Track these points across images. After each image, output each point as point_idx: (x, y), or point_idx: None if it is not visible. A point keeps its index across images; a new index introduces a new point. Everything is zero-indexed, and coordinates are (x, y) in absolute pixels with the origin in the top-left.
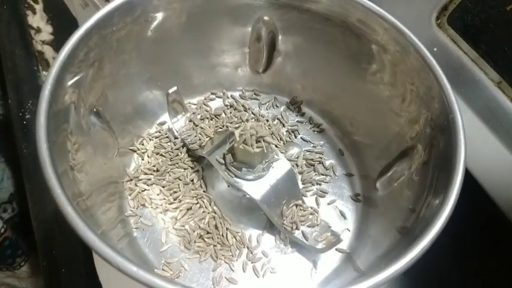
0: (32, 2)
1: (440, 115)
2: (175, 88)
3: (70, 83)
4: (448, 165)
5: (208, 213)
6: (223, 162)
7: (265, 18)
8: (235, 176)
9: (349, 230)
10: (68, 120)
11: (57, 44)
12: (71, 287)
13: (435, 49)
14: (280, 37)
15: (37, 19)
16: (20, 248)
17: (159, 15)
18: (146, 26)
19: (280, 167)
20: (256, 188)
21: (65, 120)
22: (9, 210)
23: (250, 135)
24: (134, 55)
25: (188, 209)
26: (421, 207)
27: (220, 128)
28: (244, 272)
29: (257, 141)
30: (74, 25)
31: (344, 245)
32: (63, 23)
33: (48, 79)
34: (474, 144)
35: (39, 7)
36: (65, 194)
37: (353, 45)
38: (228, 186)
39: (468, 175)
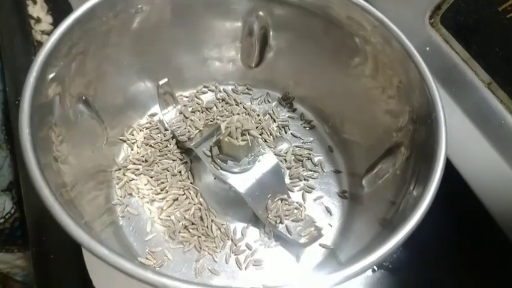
0: None
1: (422, 107)
2: (165, 80)
3: (53, 75)
4: (428, 158)
5: (194, 204)
6: (210, 154)
7: (258, 13)
8: (221, 168)
9: (331, 226)
10: (52, 112)
11: None
12: (59, 273)
13: (427, 48)
14: (271, 32)
15: (37, 9)
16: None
17: (142, 9)
18: (131, 19)
19: (266, 161)
20: (241, 181)
21: (49, 112)
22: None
23: (236, 128)
24: (122, 47)
25: (174, 200)
26: (401, 199)
27: (211, 121)
28: (227, 263)
29: (242, 134)
30: None
31: (328, 240)
32: (63, 14)
33: (32, 73)
34: (463, 144)
35: None
36: (47, 185)
37: (341, 41)
38: (215, 178)
39: (455, 173)
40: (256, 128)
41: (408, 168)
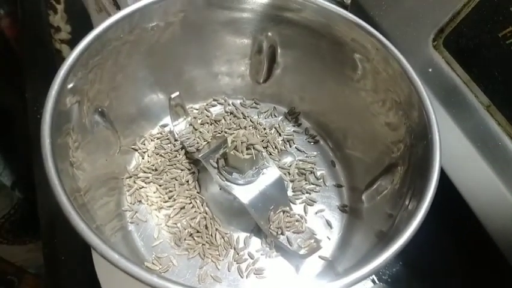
0: (54, 2)
1: (419, 124)
2: (177, 93)
3: (75, 85)
4: (424, 172)
5: (200, 213)
6: (216, 166)
7: (267, 32)
8: (226, 179)
9: (329, 238)
10: (71, 120)
11: (74, 43)
12: (69, 274)
13: (430, 69)
14: (279, 50)
15: (58, 19)
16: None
17: (157, 26)
18: (150, 34)
19: (270, 174)
20: (245, 192)
21: (68, 120)
22: (15, 198)
23: (241, 142)
24: (139, 60)
25: (181, 208)
26: (398, 212)
27: (219, 133)
28: (229, 271)
29: (247, 148)
30: (91, 26)
31: (327, 252)
32: (81, 24)
33: (55, 81)
34: (462, 163)
35: (60, 7)
36: (63, 188)
37: (345, 61)
38: (220, 189)
39: (455, 193)
40: (262, 141)
41: (405, 183)
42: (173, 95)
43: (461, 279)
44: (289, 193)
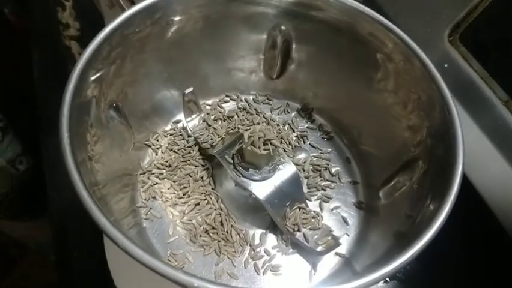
0: None
1: (441, 123)
2: (191, 89)
3: (92, 78)
4: (446, 174)
5: (215, 209)
6: (232, 162)
7: (281, 27)
8: (242, 175)
9: (348, 235)
10: (89, 113)
11: (83, 40)
12: (82, 274)
13: (446, 65)
14: (294, 46)
15: (66, 15)
16: (36, 197)
17: (178, 20)
18: (166, 28)
19: (286, 170)
20: (261, 189)
21: (86, 113)
22: (20, 167)
23: (258, 138)
24: (154, 55)
25: (196, 204)
26: (418, 213)
27: (232, 129)
28: (245, 268)
29: (264, 144)
30: (100, 22)
31: (344, 249)
32: (90, 20)
33: (73, 74)
34: (479, 161)
35: (69, 4)
36: (82, 181)
37: (361, 55)
38: (235, 185)
39: (473, 191)
40: (276, 137)
41: (425, 183)
42: (187, 91)
43: (477, 279)
44: (304, 190)
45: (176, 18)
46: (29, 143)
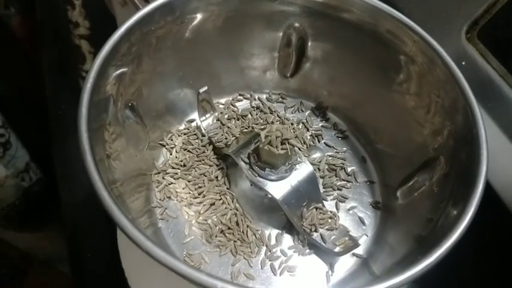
0: None
1: (464, 128)
2: (205, 88)
3: (111, 76)
4: (468, 178)
5: (230, 209)
6: (248, 161)
7: (296, 24)
8: (259, 175)
9: (367, 236)
10: (107, 111)
11: (93, 38)
12: (95, 273)
13: (463, 63)
14: (309, 43)
15: (76, 14)
16: (44, 207)
17: (197, 17)
18: (183, 26)
19: (302, 170)
20: (278, 189)
21: (104, 111)
22: (27, 179)
23: (276, 137)
24: (170, 53)
25: (211, 204)
26: (439, 217)
27: (246, 128)
28: (262, 269)
29: (282, 143)
30: (110, 21)
31: (361, 250)
32: (100, 19)
33: (92, 71)
34: (498, 160)
35: (78, 2)
36: (101, 179)
37: (381, 54)
38: (251, 185)
39: (490, 190)
40: None
41: (447, 186)
42: (201, 90)
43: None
44: (320, 189)
45: (194, 16)
46: (38, 153)
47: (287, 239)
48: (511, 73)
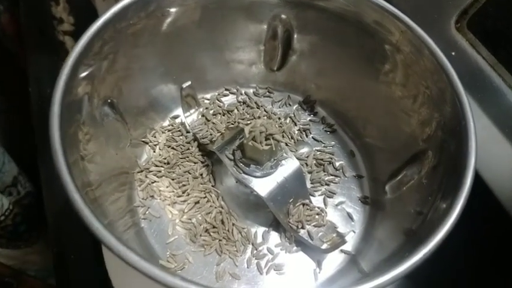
0: None
1: (452, 119)
2: (189, 83)
3: (84, 74)
4: (457, 169)
5: (215, 207)
6: (232, 158)
7: (282, 16)
8: (243, 172)
9: (354, 232)
10: (81, 111)
11: (78, 34)
12: (79, 274)
13: (453, 53)
14: (295, 35)
15: (60, 10)
16: (32, 222)
17: (174, 11)
18: (161, 20)
19: (288, 166)
20: (263, 185)
21: (78, 111)
22: (15, 193)
23: (260, 132)
24: (149, 49)
25: (196, 203)
26: (428, 210)
27: (232, 124)
28: (248, 268)
29: (266, 139)
30: (95, 16)
31: (349, 246)
32: (84, 14)
33: (64, 70)
34: (489, 152)
35: None
36: (74, 182)
37: (368, 46)
38: (236, 182)
39: (481, 182)
40: None
41: (436, 178)
42: (184, 85)
43: (488, 278)
44: (308, 185)
45: (172, 10)
46: (26, 167)
47: (274, 237)
48: (501, 63)
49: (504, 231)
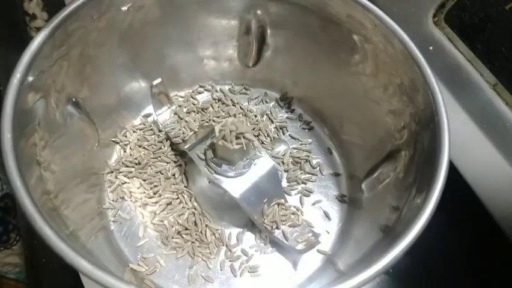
0: None
1: (425, 109)
2: (159, 80)
3: (36, 80)
4: (432, 162)
5: (188, 209)
6: (204, 157)
7: (255, 10)
8: (215, 172)
9: (328, 232)
10: (35, 117)
11: None
12: (51, 277)
13: (431, 48)
14: (269, 31)
15: (33, 6)
16: (10, 223)
17: (130, 10)
18: (118, 18)
19: (262, 165)
20: (236, 185)
21: (32, 117)
22: None
23: (230, 131)
24: (113, 47)
25: (168, 204)
26: (404, 205)
27: (207, 122)
28: (222, 270)
29: (237, 138)
30: None
31: (326, 246)
32: (58, 10)
33: (17, 71)
34: (467, 147)
35: None
36: (29, 194)
37: (341, 40)
38: (209, 182)
39: (459, 176)
40: (253, 129)
41: (410, 172)
42: (154, 82)
43: (466, 269)
44: (284, 184)
45: (132, 6)
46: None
47: (249, 238)
48: (479, 58)
49: (481, 222)
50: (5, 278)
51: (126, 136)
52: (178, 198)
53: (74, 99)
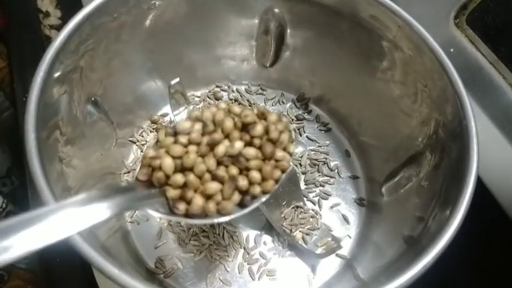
0: None
1: (453, 120)
2: (177, 79)
3: (63, 73)
4: (459, 174)
5: None
6: None
7: (275, 10)
8: None
9: (350, 237)
10: (59, 112)
11: None
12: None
13: (452, 50)
14: (289, 31)
15: (46, 3)
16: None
17: (157, 5)
18: (145, 15)
19: None
20: None
21: (56, 112)
22: (9, 184)
23: None
24: (134, 45)
25: None
26: (429, 216)
27: None
28: (240, 273)
29: None
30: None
31: (345, 250)
32: (71, 8)
33: (40, 68)
34: (488, 152)
35: None
36: (50, 188)
37: (363, 41)
38: None
39: (480, 183)
40: None
41: (436, 181)
42: (173, 82)
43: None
44: (302, 186)
45: (157, 2)
46: (15, 162)
47: (267, 241)
48: (502, 60)
49: (505, 233)
50: (16, 267)
51: (143, 136)
52: None
53: (93, 98)
